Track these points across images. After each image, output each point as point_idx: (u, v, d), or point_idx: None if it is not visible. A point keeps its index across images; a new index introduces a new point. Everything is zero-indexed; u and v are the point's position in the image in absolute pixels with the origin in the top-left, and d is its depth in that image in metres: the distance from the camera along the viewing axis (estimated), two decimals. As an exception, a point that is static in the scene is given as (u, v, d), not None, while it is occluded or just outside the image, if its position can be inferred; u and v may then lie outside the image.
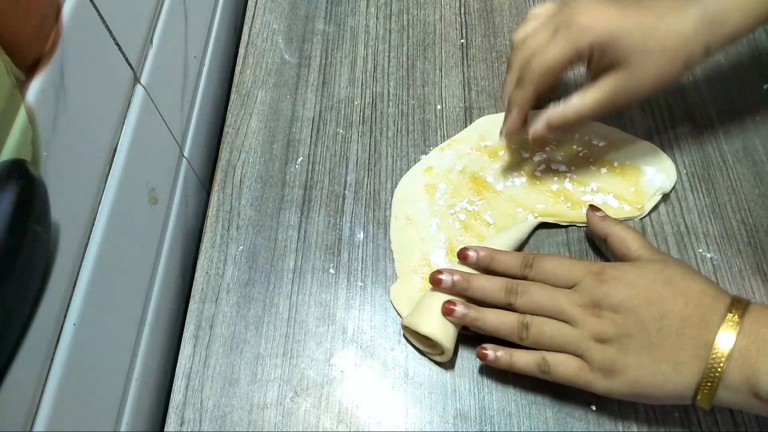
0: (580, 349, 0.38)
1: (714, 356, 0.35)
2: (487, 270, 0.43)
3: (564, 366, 0.39)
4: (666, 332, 0.36)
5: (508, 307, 0.41)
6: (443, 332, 0.41)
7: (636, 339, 0.37)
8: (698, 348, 0.36)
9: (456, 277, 0.42)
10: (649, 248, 0.41)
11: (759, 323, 0.35)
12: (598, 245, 0.47)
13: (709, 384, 0.35)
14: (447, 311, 0.41)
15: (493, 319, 0.41)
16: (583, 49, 0.42)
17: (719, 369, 0.35)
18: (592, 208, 0.45)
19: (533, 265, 0.41)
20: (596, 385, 0.38)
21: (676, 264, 0.39)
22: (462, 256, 0.43)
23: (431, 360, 0.44)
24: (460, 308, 0.41)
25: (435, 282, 0.43)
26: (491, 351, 0.41)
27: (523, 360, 0.40)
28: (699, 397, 0.36)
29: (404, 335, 0.45)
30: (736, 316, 0.36)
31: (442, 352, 0.42)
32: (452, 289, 0.42)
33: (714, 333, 0.36)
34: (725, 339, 0.35)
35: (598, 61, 0.43)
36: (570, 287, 0.40)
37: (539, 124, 0.46)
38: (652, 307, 0.37)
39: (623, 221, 0.49)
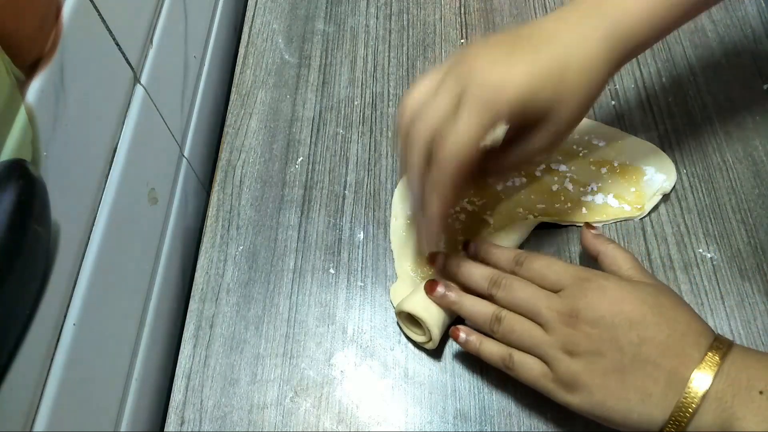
0: (547, 356, 0.37)
1: (687, 395, 0.33)
2: (482, 262, 0.44)
3: (528, 368, 0.38)
4: (642, 359, 0.35)
5: (490, 299, 0.41)
6: (426, 311, 0.42)
7: (608, 359, 0.35)
8: (672, 382, 0.34)
9: (449, 260, 0.43)
10: (640, 270, 0.40)
11: (737, 366, 0.34)
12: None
13: (676, 423, 0.34)
14: (429, 289, 0.42)
15: (469, 306, 0.41)
16: (502, 115, 0.35)
17: (691, 409, 0.33)
18: (588, 225, 0.44)
19: (524, 263, 0.41)
20: (556, 395, 0.38)
21: (669, 291, 0.38)
22: (464, 246, 0.45)
23: (424, 350, 0.44)
24: (440, 288, 0.42)
25: (430, 262, 0.45)
26: (464, 333, 0.41)
27: (490, 350, 0.40)
28: None
29: (398, 324, 0.45)
30: (717, 357, 0.34)
31: (431, 339, 0.42)
32: (443, 271, 0.43)
33: (691, 370, 0.34)
34: (702, 379, 0.33)
35: (513, 121, 0.37)
36: (557, 291, 0.39)
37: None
38: (633, 331, 0.35)
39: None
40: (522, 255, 0.42)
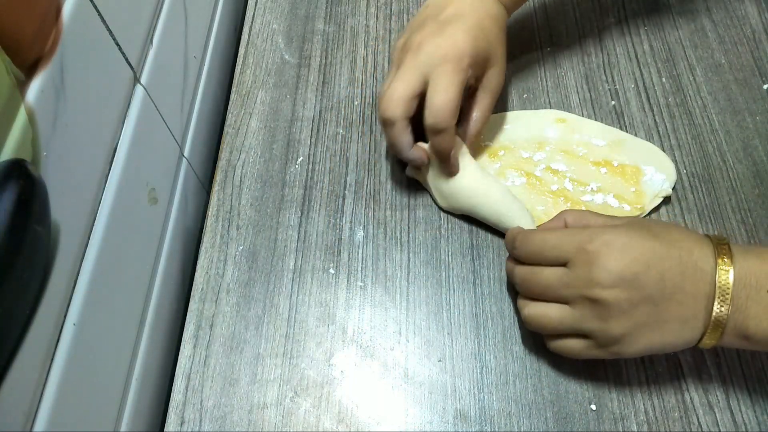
0: (584, 331, 0.38)
1: (716, 316, 0.36)
2: None
3: (570, 348, 0.40)
4: (669, 292, 0.36)
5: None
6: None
7: (641, 308, 0.36)
8: (699, 301, 0.36)
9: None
10: (598, 216, 0.41)
11: (745, 269, 0.36)
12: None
13: (712, 334, 0.37)
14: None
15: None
16: (464, 67, 0.45)
17: (722, 319, 0.36)
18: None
19: (518, 246, 0.41)
20: (604, 356, 0.39)
21: (646, 219, 0.40)
22: None
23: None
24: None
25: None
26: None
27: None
28: (702, 342, 0.37)
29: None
30: (726, 260, 0.36)
31: None
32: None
33: (710, 286, 0.36)
34: (721, 303, 0.36)
35: (472, 69, 0.46)
36: (562, 263, 0.39)
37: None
38: (651, 269, 0.36)
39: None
40: (517, 238, 0.42)
